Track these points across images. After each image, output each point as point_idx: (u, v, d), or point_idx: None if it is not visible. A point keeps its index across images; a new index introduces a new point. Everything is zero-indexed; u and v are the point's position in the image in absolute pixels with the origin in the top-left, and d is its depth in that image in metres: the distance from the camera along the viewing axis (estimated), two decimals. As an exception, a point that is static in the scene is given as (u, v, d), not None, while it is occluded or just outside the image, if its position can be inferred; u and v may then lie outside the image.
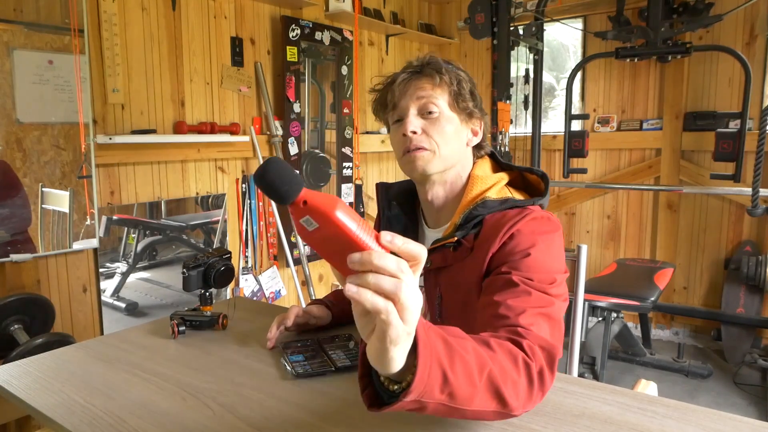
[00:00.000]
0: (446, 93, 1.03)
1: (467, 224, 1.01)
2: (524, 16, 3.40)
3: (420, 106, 1.03)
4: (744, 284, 3.16)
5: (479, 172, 1.08)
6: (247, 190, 2.93)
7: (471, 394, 0.66)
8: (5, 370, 1.05)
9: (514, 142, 3.82)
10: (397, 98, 1.04)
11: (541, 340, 0.80)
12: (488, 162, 1.12)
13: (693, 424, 0.80)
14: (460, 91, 1.03)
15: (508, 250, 0.94)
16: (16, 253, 2.03)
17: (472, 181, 1.06)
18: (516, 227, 0.95)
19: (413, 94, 1.03)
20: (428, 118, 1.02)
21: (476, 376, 0.66)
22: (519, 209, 0.99)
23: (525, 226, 0.95)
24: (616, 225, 3.71)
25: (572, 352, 1.42)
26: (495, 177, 1.08)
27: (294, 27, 2.98)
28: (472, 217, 1.01)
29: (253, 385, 0.96)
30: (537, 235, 0.95)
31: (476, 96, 1.06)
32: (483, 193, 1.04)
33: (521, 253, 0.92)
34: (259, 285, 3.02)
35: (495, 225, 0.97)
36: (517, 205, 1.01)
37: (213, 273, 1.29)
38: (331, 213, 0.52)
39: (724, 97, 3.25)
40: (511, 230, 0.95)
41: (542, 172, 1.08)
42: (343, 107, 3.35)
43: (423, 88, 1.02)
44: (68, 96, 2.13)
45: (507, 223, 0.96)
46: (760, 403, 2.66)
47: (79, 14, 2.12)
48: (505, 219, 0.97)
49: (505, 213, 0.99)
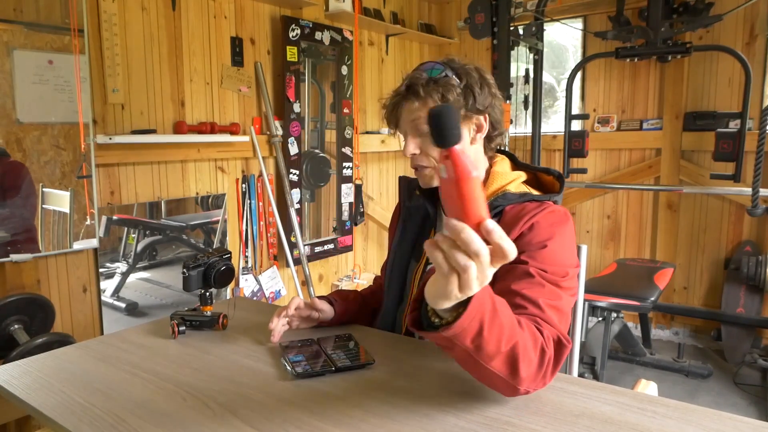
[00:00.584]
0: (434, 105, 1.05)
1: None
2: (524, 16, 3.40)
3: (413, 127, 1.08)
4: (744, 284, 3.16)
5: (499, 168, 1.14)
6: (247, 190, 2.93)
7: (494, 354, 0.75)
8: (5, 370, 1.05)
9: (514, 142, 3.82)
10: (395, 121, 1.12)
11: (555, 333, 0.87)
12: (507, 161, 1.18)
13: (693, 424, 0.80)
14: (449, 97, 1.05)
15: (527, 240, 1.00)
16: (16, 253, 2.03)
17: (493, 176, 1.12)
18: (535, 218, 1.01)
19: (406, 117, 1.09)
20: (425, 136, 1.07)
21: (504, 342, 0.74)
22: (538, 203, 1.06)
23: (543, 218, 1.02)
24: (616, 225, 3.71)
25: (572, 352, 1.42)
26: (514, 174, 1.14)
27: (294, 27, 2.98)
28: (493, 206, 1.06)
29: (253, 385, 0.96)
30: (554, 227, 1.01)
31: (474, 92, 1.06)
32: (503, 186, 1.10)
33: (539, 244, 0.99)
34: (259, 285, 3.02)
35: (515, 215, 1.04)
36: (535, 199, 1.07)
37: (213, 273, 1.29)
38: (461, 177, 0.59)
39: (724, 97, 3.24)
40: (530, 221, 1.01)
41: (558, 173, 1.15)
42: (343, 107, 3.35)
43: (411, 111, 1.07)
44: (68, 96, 2.13)
45: (527, 214, 1.02)
46: (760, 403, 2.66)
47: (79, 14, 2.12)
48: (525, 211, 1.04)
49: (525, 205, 1.06)
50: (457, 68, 1.08)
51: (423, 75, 1.06)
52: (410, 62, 3.99)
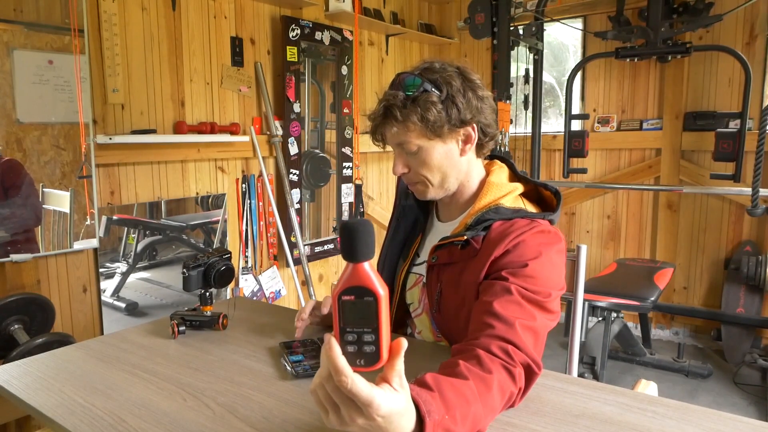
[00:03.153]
0: (415, 127, 1.00)
1: (477, 226, 1.02)
2: (524, 16, 3.40)
3: (399, 147, 1.04)
4: (744, 284, 3.16)
5: (495, 179, 1.08)
6: (247, 190, 2.93)
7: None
8: (5, 370, 1.05)
9: (514, 142, 3.82)
10: (381, 139, 1.07)
11: (526, 360, 0.84)
12: (506, 171, 1.13)
13: (693, 424, 0.80)
14: (427, 123, 0.98)
15: (510, 258, 0.95)
16: (16, 253, 2.03)
17: (488, 187, 1.07)
18: (522, 237, 0.97)
19: (390, 138, 1.05)
20: (411, 154, 1.04)
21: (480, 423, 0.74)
22: (528, 220, 1.01)
23: (531, 237, 0.97)
24: (616, 225, 3.70)
25: (572, 352, 1.42)
26: (510, 186, 1.08)
27: (294, 27, 2.98)
28: (483, 219, 1.02)
29: (253, 385, 0.96)
30: (541, 247, 0.96)
31: (456, 104, 0.99)
32: (497, 199, 1.05)
33: (521, 262, 0.94)
34: (259, 285, 3.02)
35: (502, 232, 0.99)
36: (527, 216, 1.02)
37: (213, 273, 1.29)
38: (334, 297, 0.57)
39: (724, 97, 3.24)
40: (516, 239, 0.96)
41: (555, 189, 1.09)
42: (343, 107, 3.35)
43: (392, 133, 1.03)
44: (68, 96, 2.13)
45: (514, 232, 0.98)
46: (760, 403, 2.66)
47: (79, 14, 2.12)
48: (513, 228, 0.99)
49: (515, 222, 1.00)
50: (435, 79, 0.99)
51: (399, 94, 0.99)
52: (410, 62, 3.98)
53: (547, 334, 0.94)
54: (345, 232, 0.57)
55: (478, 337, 0.86)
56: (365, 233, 0.57)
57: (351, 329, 0.57)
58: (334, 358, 0.55)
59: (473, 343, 0.85)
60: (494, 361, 0.81)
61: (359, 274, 0.57)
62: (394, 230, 1.25)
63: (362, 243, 0.57)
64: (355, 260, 0.57)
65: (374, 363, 0.58)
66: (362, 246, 0.57)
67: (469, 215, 1.06)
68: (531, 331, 0.87)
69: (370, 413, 0.56)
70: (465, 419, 0.71)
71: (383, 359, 0.58)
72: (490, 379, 0.78)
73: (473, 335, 0.88)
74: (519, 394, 0.83)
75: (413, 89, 0.99)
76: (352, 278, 0.57)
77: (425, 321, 1.15)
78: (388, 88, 1.04)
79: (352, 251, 0.57)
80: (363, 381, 0.56)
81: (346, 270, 0.58)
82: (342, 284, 0.57)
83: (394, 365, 0.58)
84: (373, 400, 0.56)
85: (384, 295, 0.57)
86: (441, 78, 1.00)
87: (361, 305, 0.57)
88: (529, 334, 0.87)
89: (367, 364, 0.58)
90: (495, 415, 0.79)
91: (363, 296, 0.57)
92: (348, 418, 0.58)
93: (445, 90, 0.99)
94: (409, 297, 1.19)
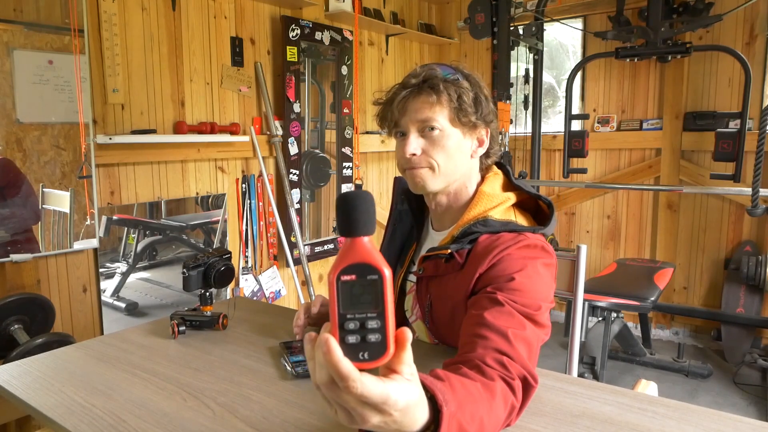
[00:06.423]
0: (446, 109, 0.99)
1: (464, 239, 1.00)
2: (524, 16, 3.40)
3: (420, 125, 1.00)
4: (744, 284, 3.16)
5: (488, 188, 1.05)
6: (247, 190, 2.93)
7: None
8: (5, 370, 1.05)
9: (514, 142, 3.82)
10: (397, 116, 1.02)
11: (523, 373, 0.80)
12: (500, 179, 1.09)
13: (693, 424, 0.80)
14: (461, 105, 0.99)
15: (495, 273, 0.93)
16: (16, 253, 2.03)
17: (479, 197, 1.04)
18: (507, 251, 0.95)
19: (413, 113, 1.00)
20: (429, 136, 1.00)
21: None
22: (515, 234, 0.98)
23: (516, 251, 0.95)
24: (616, 225, 3.70)
25: (572, 352, 1.42)
26: (502, 196, 1.05)
27: (294, 27, 2.98)
28: (470, 232, 1.00)
29: (253, 385, 0.96)
30: (526, 260, 0.94)
31: (481, 102, 1.02)
32: (487, 211, 1.02)
33: (506, 276, 0.92)
34: (259, 285, 3.02)
35: (488, 246, 0.97)
36: (515, 230, 1.00)
37: (213, 273, 1.29)
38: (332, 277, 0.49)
39: (724, 97, 3.24)
40: (501, 254, 0.95)
41: (549, 201, 1.06)
42: (343, 107, 3.35)
43: (422, 108, 0.99)
44: (68, 96, 2.13)
45: (499, 246, 0.96)
46: (760, 403, 2.66)
47: (79, 14, 2.12)
48: (499, 242, 0.97)
49: (501, 236, 0.98)
50: (467, 75, 1.03)
51: (438, 72, 1.00)
52: (410, 62, 3.98)
53: (540, 348, 0.91)
54: (343, 204, 0.50)
55: (471, 350, 0.83)
56: (366, 203, 0.50)
57: (352, 315, 0.49)
58: (336, 363, 0.48)
59: (467, 356, 0.82)
60: (493, 372, 0.78)
61: (360, 250, 0.49)
62: (390, 235, 1.23)
63: (363, 213, 0.49)
64: (354, 234, 0.49)
65: (380, 355, 0.50)
66: (363, 216, 0.49)
67: (456, 227, 1.03)
68: (525, 342, 0.84)
69: (387, 410, 0.51)
70: (474, 418, 0.67)
71: (390, 350, 0.50)
72: (493, 386, 0.74)
73: (466, 348, 0.84)
74: (517, 411, 0.79)
75: (449, 75, 1.00)
76: (352, 255, 0.49)
77: (420, 326, 1.15)
78: (419, 69, 1.02)
79: (351, 223, 0.49)
80: (372, 379, 0.50)
81: (345, 247, 0.49)
82: (340, 262, 0.49)
83: (401, 355, 0.52)
84: (388, 397, 0.50)
85: (389, 275, 0.49)
86: (471, 77, 1.03)
87: (365, 285, 0.48)
88: (523, 345, 0.84)
89: (372, 358, 0.49)
90: (498, 430, 0.75)
91: (366, 275, 0.48)
92: (360, 418, 0.52)
93: (474, 87, 1.02)
94: (404, 303, 1.17)
